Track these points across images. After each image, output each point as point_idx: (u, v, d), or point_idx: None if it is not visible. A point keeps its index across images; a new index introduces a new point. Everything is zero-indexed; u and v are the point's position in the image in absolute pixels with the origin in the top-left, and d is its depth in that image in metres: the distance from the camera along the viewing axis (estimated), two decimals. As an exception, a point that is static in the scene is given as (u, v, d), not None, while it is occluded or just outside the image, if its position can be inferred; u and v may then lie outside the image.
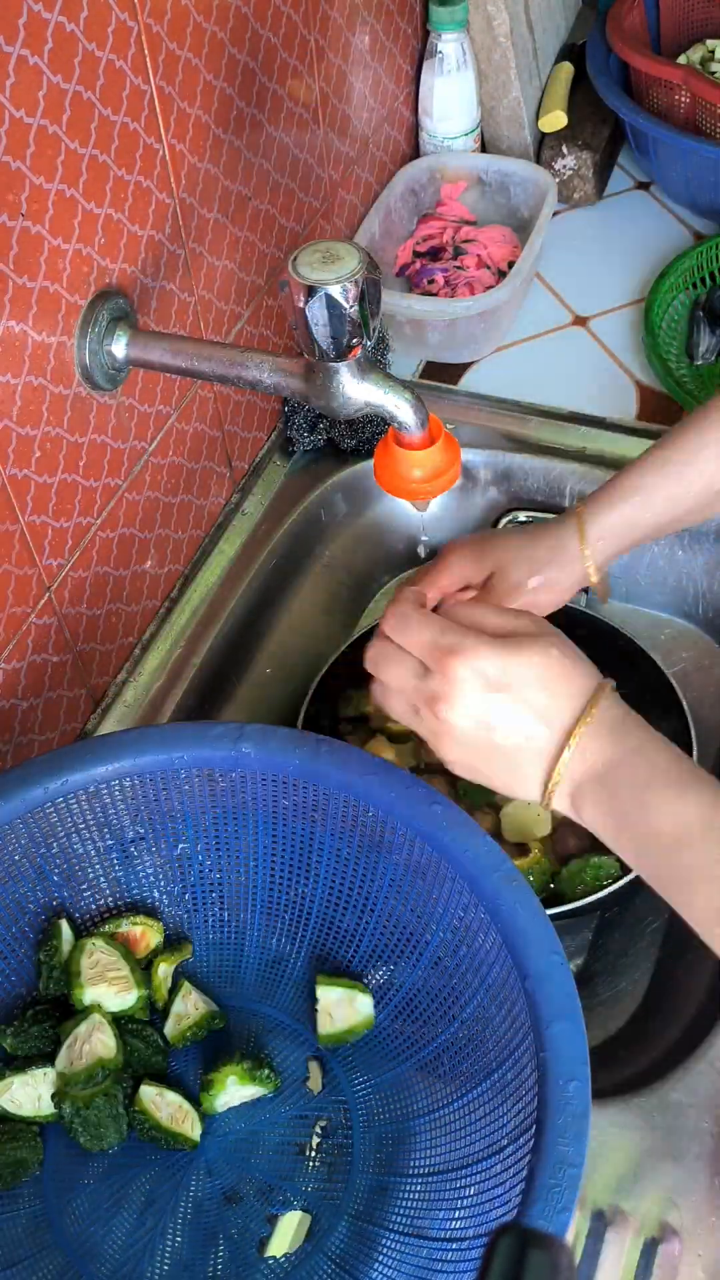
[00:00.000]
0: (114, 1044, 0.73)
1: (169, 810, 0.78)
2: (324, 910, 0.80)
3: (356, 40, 1.12)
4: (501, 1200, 0.63)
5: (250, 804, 0.78)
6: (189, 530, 1.03)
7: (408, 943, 0.76)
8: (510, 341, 1.21)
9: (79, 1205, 0.72)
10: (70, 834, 0.76)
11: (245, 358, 0.79)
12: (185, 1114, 0.74)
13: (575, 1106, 0.60)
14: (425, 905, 0.74)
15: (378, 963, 0.78)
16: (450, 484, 0.78)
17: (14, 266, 0.73)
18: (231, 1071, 0.74)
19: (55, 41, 0.72)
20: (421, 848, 0.72)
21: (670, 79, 1.26)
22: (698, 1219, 0.71)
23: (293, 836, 0.79)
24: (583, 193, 1.35)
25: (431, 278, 1.22)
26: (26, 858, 0.76)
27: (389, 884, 0.76)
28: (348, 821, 0.76)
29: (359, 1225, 0.71)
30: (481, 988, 0.71)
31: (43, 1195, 0.72)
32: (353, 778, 0.74)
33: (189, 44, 0.85)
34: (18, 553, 0.81)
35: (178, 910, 0.81)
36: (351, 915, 0.79)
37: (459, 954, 0.72)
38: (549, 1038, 0.63)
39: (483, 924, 0.69)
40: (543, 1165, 0.59)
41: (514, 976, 0.67)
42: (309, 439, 1.11)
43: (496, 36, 1.27)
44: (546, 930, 0.67)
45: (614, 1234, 0.71)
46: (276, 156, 1.02)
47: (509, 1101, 0.66)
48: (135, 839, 0.79)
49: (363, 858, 0.77)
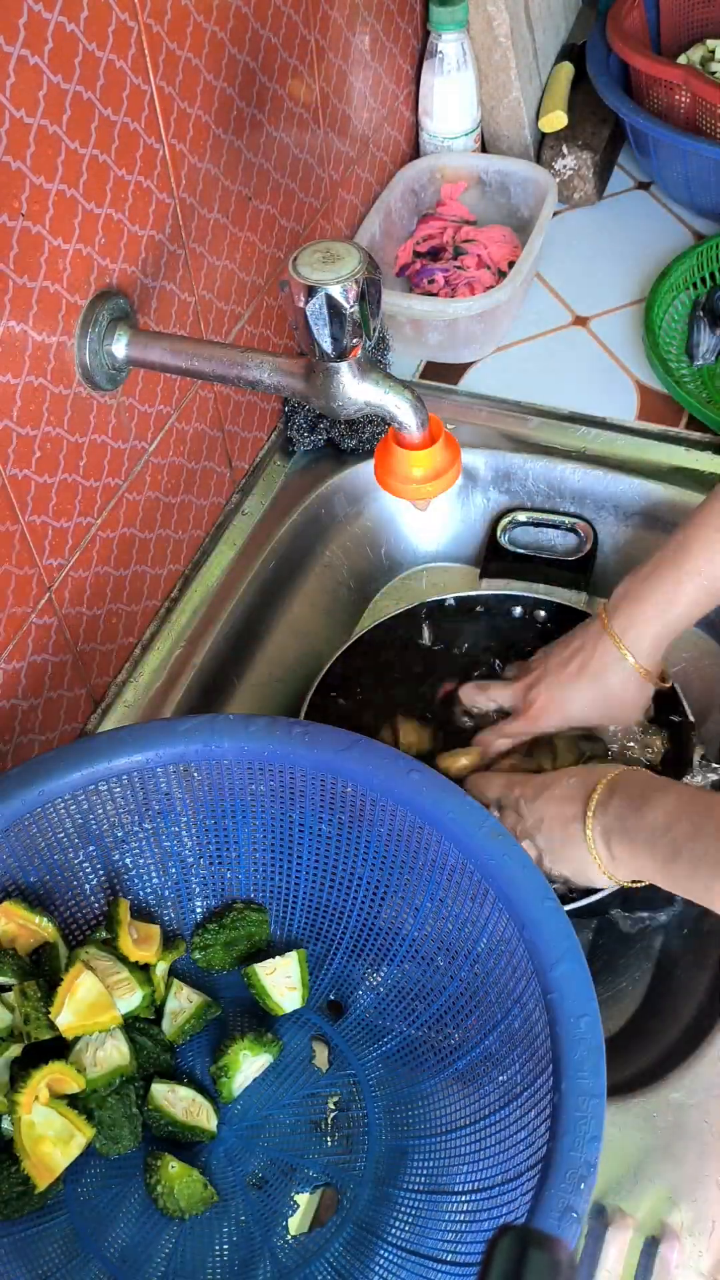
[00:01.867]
0: (128, 1050, 0.73)
1: (149, 809, 0.78)
2: (311, 890, 0.80)
3: (357, 40, 1.12)
4: (527, 1143, 0.64)
5: (229, 794, 0.78)
6: (189, 530, 1.03)
7: (398, 911, 0.77)
8: (510, 341, 1.21)
9: (106, 1213, 0.72)
10: (51, 846, 0.76)
11: (245, 358, 0.79)
12: (199, 1107, 0.75)
13: (590, 1040, 0.63)
14: (413, 871, 0.75)
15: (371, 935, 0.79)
16: (450, 484, 0.78)
17: (14, 266, 0.73)
18: (241, 1048, 0.75)
19: (55, 41, 0.72)
20: (404, 816, 0.73)
21: (670, 79, 1.26)
22: (698, 1219, 0.71)
23: (274, 821, 0.79)
24: (583, 193, 1.35)
25: (431, 278, 1.22)
26: (8, 874, 0.75)
27: (375, 856, 0.77)
28: (326, 800, 0.77)
29: (383, 1190, 0.72)
30: (479, 944, 0.72)
31: (66, 1207, 0.72)
32: (328, 756, 0.74)
33: (189, 44, 0.85)
34: (18, 553, 0.81)
35: (167, 907, 0.81)
36: (339, 892, 0.80)
37: (452, 914, 0.74)
38: (554, 980, 0.65)
39: (473, 881, 0.71)
40: (566, 1099, 0.61)
41: (511, 928, 0.68)
42: (309, 439, 1.11)
43: (496, 36, 1.27)
44: (537, 879, 0.68)
45: (614, 1234, 0.71)
46: (277, 156, 1.02)
47: (519, 1049, 0.67)
48: (118, 842, 0.78)
49: (345, 834, 0.77)
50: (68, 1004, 0.71)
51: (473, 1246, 0.66)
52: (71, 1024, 0.71)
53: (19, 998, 0.71)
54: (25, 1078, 0.69)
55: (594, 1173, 0.59)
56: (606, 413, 1.13)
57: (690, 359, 1.18)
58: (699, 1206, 0.72)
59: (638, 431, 1.11)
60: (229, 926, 0.80)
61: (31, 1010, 0.71)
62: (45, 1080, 0.69)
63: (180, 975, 0.80)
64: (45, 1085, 0.69)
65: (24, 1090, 0.68)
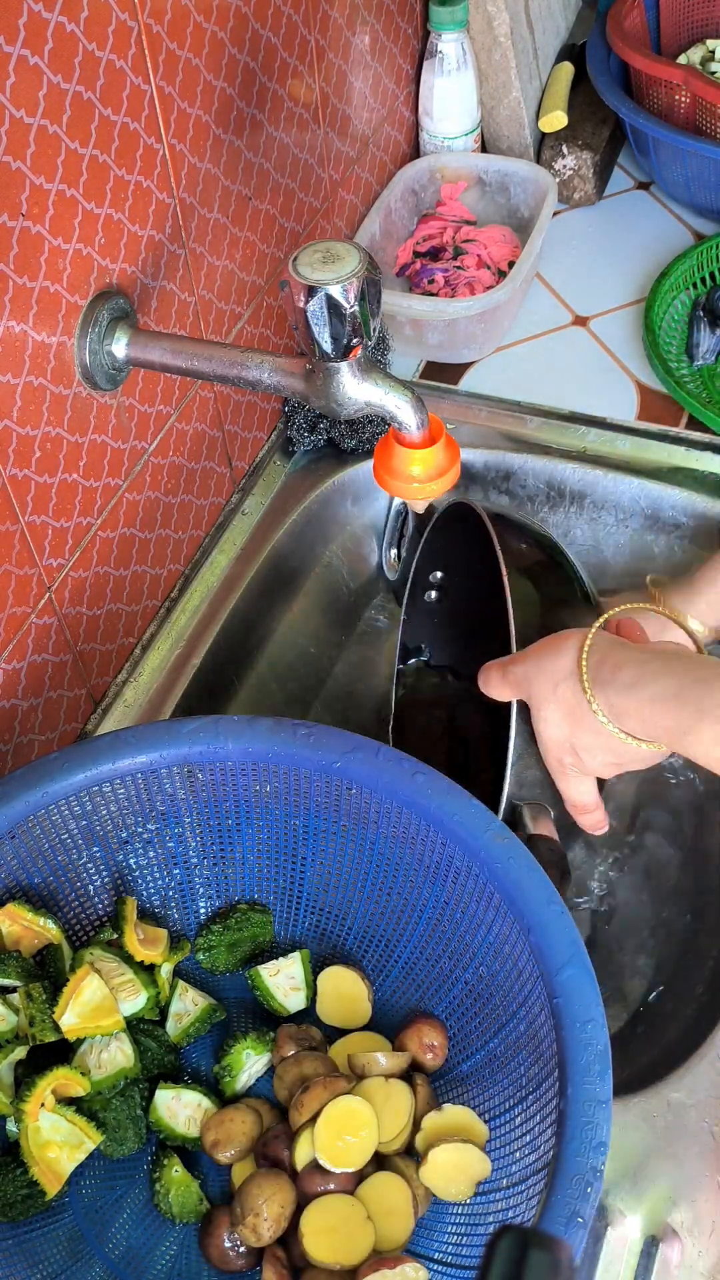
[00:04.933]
0: (132, 1051, 0.73)
1: (153, 811, 0.78)
2: (316, 891, 0.80)
3: (357, 40, 1.12)
4: (532, 1147, 0.64)
5: (233, 795, 0.78)
6: (189, 530, 1.03)
7: (403, 913, 0.77)
8: (510, 341, 1.21)
9: (110, 1213, 0.72)
10: (55, 847, 0.76)
11: (245, 358, 0.79)
12: (203, 1112, 0.74)
13: (596, 1045, 0.62)
14: (418, 874, 0.75)
15: (374, 937, 0.79)
16: (450, 484, 0.78)
17: (14, 266, 0.73)
18: (245, 1047, 0.75)
19: (55, 41, 0.72)
20: (409, 818, 0.73)
21: (670, 79, 1.26)
22: (698, 1219, 0.71)
23: (278, 823, 0.79)
24: (583, 193, 1.35)
25: (431, 278, 1.22)
26: (13, 876, 0.75)
27: (379, 858, 0.77)
28: (331, 802, 0.76)
29: None
30: (483, 947, 0.72)
31: (70, 1208, 0.72)
32: (332, 758, 0.74)
33: (189, 44, 0.85)
34: (18, 553, 0.81)
35: (171, 909, 0.81)
36: (345, 894, 0.80)
37: (456, 917, 0.73)
38: (560, 984, 0.64)
39: (478, 884, 0.71)
40: (572, 1105, 0.61)
41: (516, 931, 0.68)
42: (309, 439, 1.11)
43: (497, 36, 1.27)
44: (543, 882, 0.68)
45: (614, 1234, 0.71)
46: (277, 156, 1.02)
47: (524, 1053, 0.67)
48: (121, 843, 0.78)
49: (350, 836, 0.77)
50: (72, 1006, 0.70)
51: (478, 1250, 0.65)
52: (75, 1026, 0.71)
53: (24, 1000, 0.71)
54: (31, 1085, 0.69)
55: (600, 1179, 0.59)
56: (606, 413, 1.13)
57: (690, 359, 1.18)
58: (699, 1206, 0.72)
59: (638, 431, 1.11)
60: (233, 928, 0.80)
61: (36, 1012, 0.71)
62: (50, 1086, 0.69)
63: (184, 976, 0.80)
64: (50, 1091, 0.69)
65: (30, 1099, 0.68)
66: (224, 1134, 0.72)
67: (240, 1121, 0.72)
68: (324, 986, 0.78)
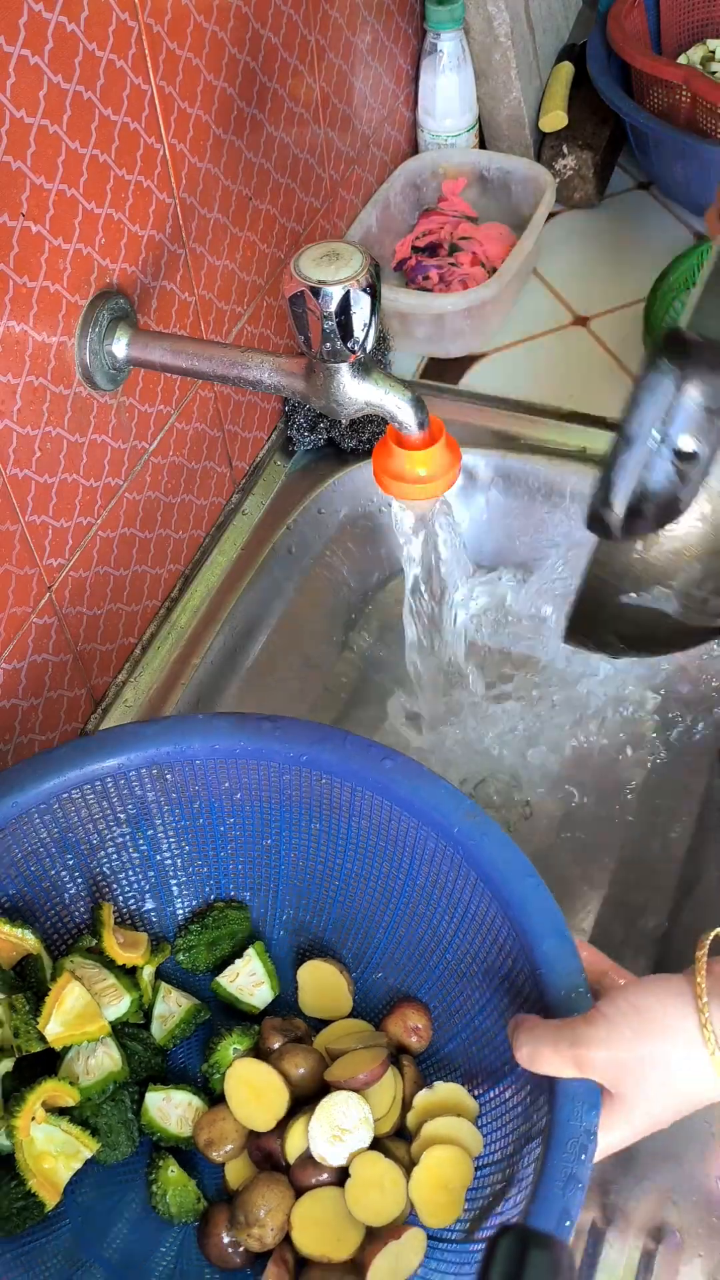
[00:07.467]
0: (119, 1055, 0.73)
1: (124, 814, 0.77)
2: (293, 884, 0.80)
3: (356, 40, 1.12)
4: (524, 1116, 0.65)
5: (204, 793, 0.78)
6: (189, 530, 1.03)
7: (381, 899, 0.77)
8: (510, 341, 1.21)
9: (107, 1218, 0.72)
10: (29, 856, 0.75)
11: (246, 358, 0.79)
12: (194, 1112, 0.74)
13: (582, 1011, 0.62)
14: (393, 859, 0.75)
15: (353, 925, 0.79)
16: (450, 485, 0.78)
17: (14, 266, 0.73)
18: (230, 1042, 0.75)
19: (56, 41, 0.72)
20: (380, 804, 0.73)
21: (671, 79, 1.26)
22: (698, 1219, 0.71)
23: (251, 818, 0.79)
24: (583, 193, 1.35)
25: (426, 274, 1.22)
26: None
27: (354, 846, 0.77)
28: (302, 793, 0.76)
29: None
30: (463, 926, 0.72)
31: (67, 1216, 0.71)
32: (301, 750, 0.74)
33: (189, 44, 0.85)
34: (18, 553, 0.81)
35: (150, 911, 0.81)
36: (321, 884, 0.79)
37: (434, 899, 0.74)
38: (542, 956, 0.65)
39: (453, 864, 0.71)
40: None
41: (494, 908, 0.69)
42: (309, 439, 1.11)
43: (497, 36, 1.27)
44: (518, 857, 0.68)
45: (614, 1234, 0.71)
46: (277, 156, 1.02)
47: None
48: (95, 849, 0.78)
49: (323, 826, 0.77)
50: (55, 1015, 0.70)
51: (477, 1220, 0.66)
52: (60, 1034, 0.70)
53: (7, 1011, 0.71)
54: (20, 1099, 0.68)
55: (594, 1141, 0.59)
56: (606, 413, 1.13)
57: (690, 359, 1.18)
58: (699, 1207, 0.72)
59: (638, 431, 1.11)
60: (211, 926, 0.79)
61: (20, 1023, 0.70)
62: (40, 1100, 0.69)
63: (165, 977, 0.80)
64: (40, 1105, 0.69)
65: (20, 1114, 0.68)
66: (217, 1133, 0.72)
67: (232, 1119, 0.72)
68: (304, 980, 0.78)
